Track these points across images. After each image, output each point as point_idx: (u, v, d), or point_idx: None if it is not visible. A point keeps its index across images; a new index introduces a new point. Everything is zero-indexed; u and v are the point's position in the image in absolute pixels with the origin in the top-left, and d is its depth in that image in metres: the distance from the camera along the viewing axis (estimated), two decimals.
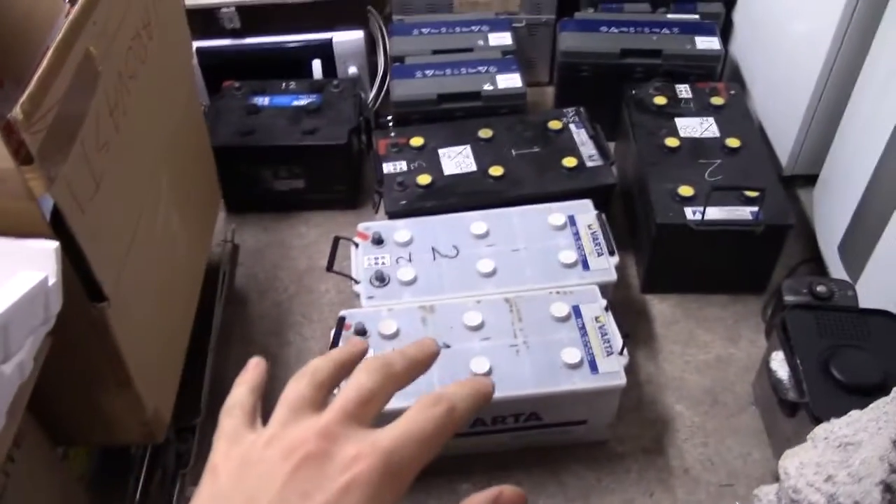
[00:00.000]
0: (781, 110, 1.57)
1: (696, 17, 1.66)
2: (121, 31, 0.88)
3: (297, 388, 0.40)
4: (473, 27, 1.65)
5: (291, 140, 1.49)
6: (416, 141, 1.46)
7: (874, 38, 1.29)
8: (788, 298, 1.21)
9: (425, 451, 0.37)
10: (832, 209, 1.42)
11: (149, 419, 0.95)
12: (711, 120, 1.49)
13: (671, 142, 1.43)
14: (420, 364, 0.43)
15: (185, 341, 1.11)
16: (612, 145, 1.66)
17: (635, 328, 1.38)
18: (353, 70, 1.66)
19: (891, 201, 1.18)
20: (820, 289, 1.21)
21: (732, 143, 1.43)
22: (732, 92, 1.55)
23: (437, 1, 1.74)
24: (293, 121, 1.53)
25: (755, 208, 1.32)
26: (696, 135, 1.46)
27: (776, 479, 1.17)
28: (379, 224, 1.33)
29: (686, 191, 1.34)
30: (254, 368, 0.44)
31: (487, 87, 1.50)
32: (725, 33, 1.77)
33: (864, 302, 1.23)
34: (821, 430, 0.78)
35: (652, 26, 1.63)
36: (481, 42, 1.61)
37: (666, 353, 1.35)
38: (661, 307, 1.42)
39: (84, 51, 0.76)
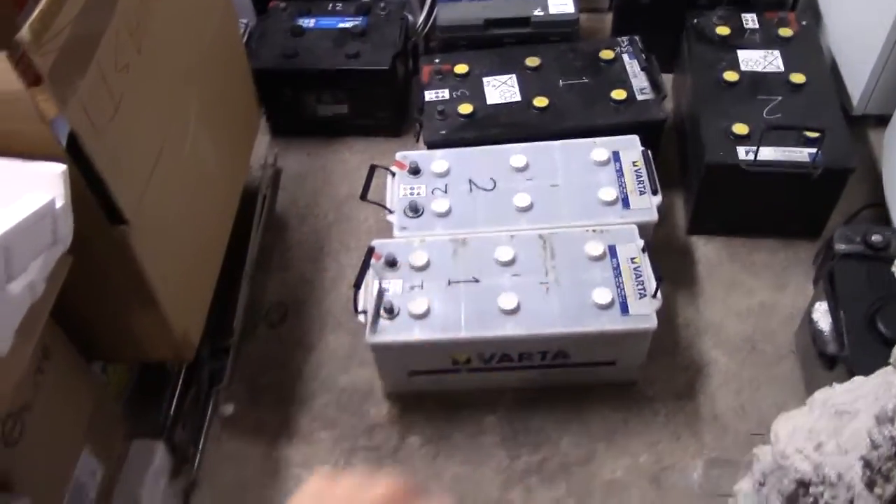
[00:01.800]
0: (857, 43, 1.46)
1: None
2: None
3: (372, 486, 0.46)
4: None
5: (334, 64, 1.46)
6: (461, 68, 1.41)
7: None
8: (840, 247, 1.15)
9: None
10: None
11: (177, 339, 0.97)
12: (777, 53, 1.40)
13: (730, 76, 1.35)
14: None
15: (218, 265, 1.13)
16: (669, 78, 1.58)
17: (677, 270, 1.33)
18: None
19: None
20: (875, 238, 1.14)
21: (797, 78, 1.34)
22: (804, 23, 1.45)
23: None
24: (338, 43, 1.50)
25: (814, 150, 1.24)
26: (759, 68, 1.37)
27: None
28: (417, 154, 1.31)
29: (741, 129, 1.27)
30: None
31: (538, 12, 1.44)
32: None
33: None
34: (820, 394, 0.74)
35: None
36: None
37: (707, 297, 1.30)
38: (705, 249, 1.37)
39: None
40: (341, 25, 1.53)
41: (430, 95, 1.39)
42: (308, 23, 1.54)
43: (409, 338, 1.09)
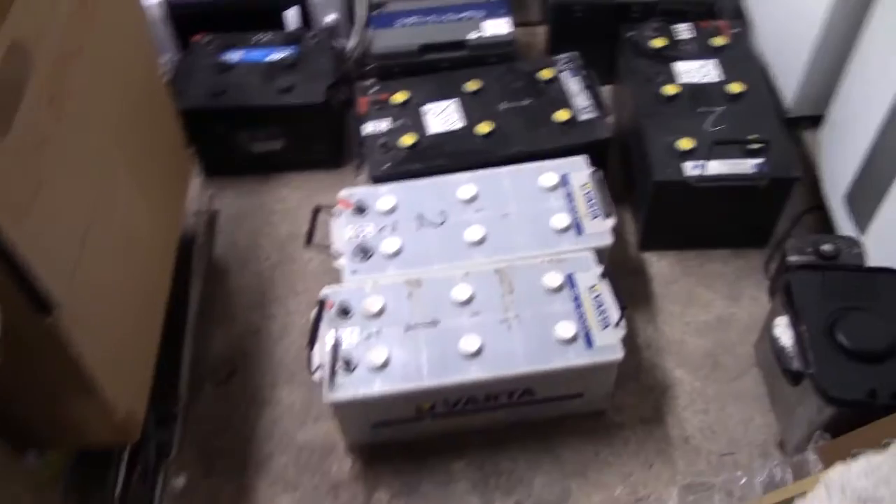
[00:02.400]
0: (787, 46, 1.47)
1: None
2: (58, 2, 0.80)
3: None
4: None
5: (266, 99, 1.40)
6: (399, 97, 1.37)
7: None
8: (792, 258, 1.15)
9: None
10: (839, 154, 1.34)
11: (121, 421, 0.90)
12: (713, 63, 1.40)
13: (669, 89, 1.34)
14: None
15: (158, 330, 1.05)
16: (608, 89, 1.57)
17: (633, 289, 1.32)
18: (330, 18, 1.55)
19: None
20: (825, 247, 1.14)
21: (735, 88, 1.34)
22: (736, 30, 1.45)
23: None
24: (268, 78, 1.43)
25: (759, 160, 1.24)
26: (697, 80, 1.37)
27: (779, 446, 1.14)
28: (361, 190, 1.26)
29: (685, 143, 1.26)
30: None
31: (473, 34, 1.41)
32: None
33: (873, 256, 1.17)
34: (836, 475, 0.72)
35: None
36: None
37: (665, 315, 1.29)
38: (659, 265, 1.36)
39: (8, 42, 0.68)
40: (270, 58, 1.47)
41: (369, 127, 1.34)
42: (234, 57, 1.47)
43: (369, 391, 1.04)
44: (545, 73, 1.39)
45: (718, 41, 1.42)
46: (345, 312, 1.11)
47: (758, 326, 1.24)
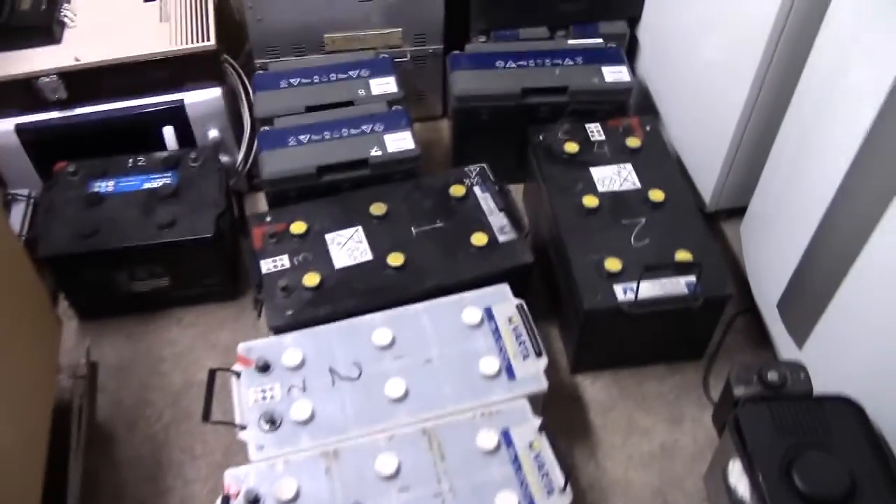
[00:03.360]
0: (703, 142, 1.43)
1: (600, 41, 1.49)
2: None
3: None
4: (351, 72, 1.42)
5: (145, 237, 1.24)
6: (298, 227, 1.23)
7: (812, 51, 1.11)
8: (738, 390, 1.08)
9: None
10: (765, 255, 1.29)
11: None
12: (629, 167, 1.33)
13: (589, 201, 1.26)
14: None
15: None
16: (518, 188, 1.49)
17: (568, 419, 1.22)
18: (213, 134, 1.41)
19: (842, 262, 1.04)
20: (771, 376, 1.08)
21: (656, 196, 1.28)
22: (648, 128, 1.39)
23: (305, 39, 1.50)
24: (146, 210, 1.27)
25: (690, 278, 1.17)
26: (616, 187, 1.30)
27: None
28: (263, 343, 1.11)
29: (613, 264, 1.18)
30: None
31: (375, 152, 1.29)
32: (631, 53, 1.61)
33: (815, 374, 1.11)
34: None
35: (553, 57, 1.44)
36: (362, 91, 1.38)
37: (606, 448, 1.20)
38: (594, 389, 1.27)
39: None
40: (147, 186, 1.31)
41: (267, 266, 1.19)
42: (106, 187, 1.30)
43: None
44: (456, 190, 1.28)
45: (633, 142, 1.36)
46: (254, 503, 0.96)
47: (704, 455, 1.16)
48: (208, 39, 1.34)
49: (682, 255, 1.19)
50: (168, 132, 1.38)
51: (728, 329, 1.33)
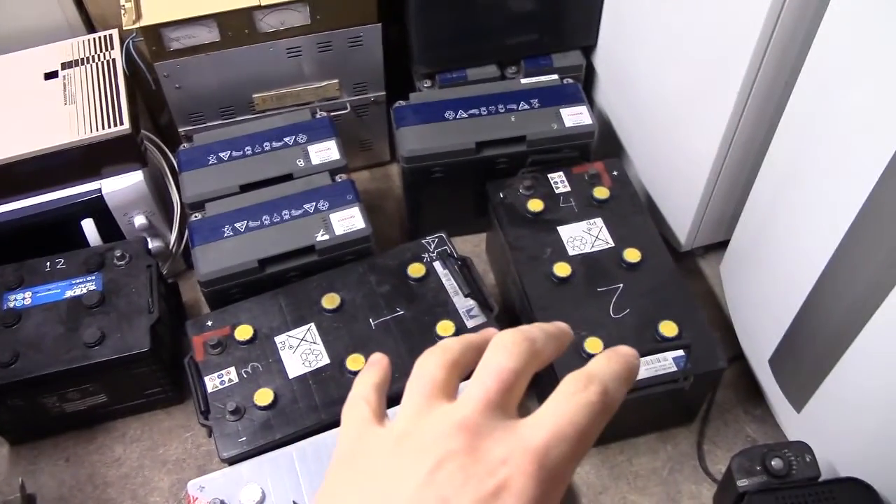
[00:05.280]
0: (674, 176, 1.33)
1: (555, 77, 1.37)
2: None
3: (426, 369, 0.35)
4: (287, 139, 1.28)
5: (72, 360, 1.10)
6: (244, 332, 1.10)
7: (803, 69, 0.97)
8: (742, 483, 0.99)
9: (581, 447, 0.32)
10: (751, 301, 1.20)
11: None
12: (600, 222, 1.23)
13: (561, 269, 1.16)
14: (559, 342, 0.37)
15: None
16: (482, 238, 1.39)
17: None
18: (140, 220, 1.26)
19: (849, 323, 0.94)
20: (776, 464, 0.99)
21: (631, 255, 1.17)
22: (615, 173, 1.29)
23: (231, 102, 1.35)
24: (71, 325, 1.13)
25: (679, 354, 1.08)
26: (588, 248, 1.19)
27: None
28: (217, 478, 0.99)
29: (594, 345, 1.08)
30: (376, 364, 0.40)
31: (322, 235, 1.16)
32: (589, 84, 1.49)
33: (817, 443, 1.03)
34: None
35: (507, 101, 1.32)
36: (301, 162, 1.25)
37: None
38: (582, 471, 1.17)
39: None
40: (70, 294, 1.17)
41: (212, 383, 1.07)
42: (23, 300, 1.16)
43: None
44: (415, 269, 1.16)
45: (600, 192, 1.25)
46: None
47: None
48: (121, 123, 1.19)
49: (667, 328, 1.09)
50: (88, 225, 1.23)
51: (717, 385, 1.24)
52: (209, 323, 1.13)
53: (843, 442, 1.03)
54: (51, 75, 1.27)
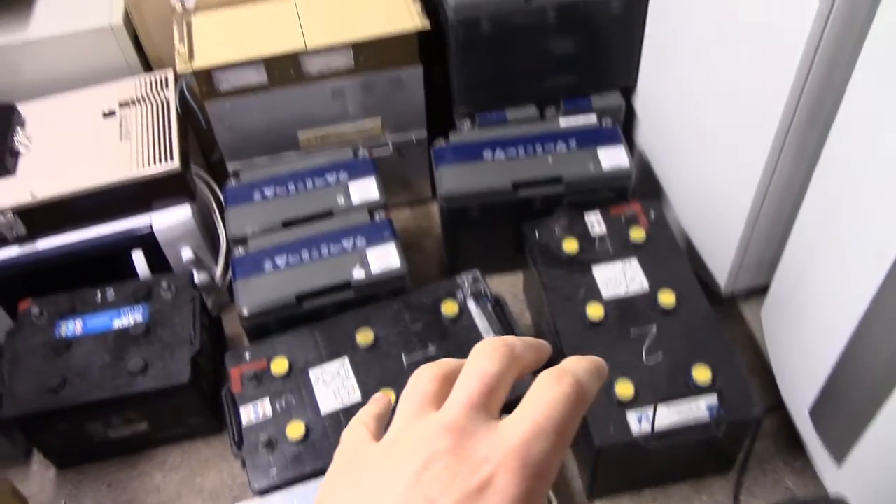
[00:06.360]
0: (713, 218, 1.32)
1: (593, 116, 1.38)
2: None
3: (419, 381, 0.36)
4: (328, 176, 1.32)
5: (117, 389, 1.15)
6: (280, 365, 1.13)
7: (841, 106, 0.95)
8: None
9: (561, 440, 0.32)
10: (792, 348, 1.18)
11: None
12: (635, 263, 1.22)
13: (594, 312, 1.16)
14: (538, 353, 0.37)
15: None
16: (518, 278, 1.40)
17: None
18: (187, 254, 1.31)
19: (890, 371, 0.92)
20: None
21: (666, 299, 1.17)
22: (653, 215, 1.28)
23: (278, 139, 1.40)
24: (117, 354, 1.18)
25: (712, 400, 1.06)
26: (622, 291, 1.19)
27: None
28: None
29: (625, 389, 1.07)
30: (379, 400, 0.42)
31: (358, 273, 1.19)
32: (628, 125, 1.50)
33: (857, 499, 1.00)
34: None
35: (545, 141, 1.34)
36: (341, 199, 1.28)
37: None
38: None
39: None
40: (118, 324, 1.21)
41: (247, 416, 1.10)
42: (73, 329, 1.21)
43: None
44: (448, 308, 1.18)
45: (637, 234, 1.25)
46: None
47: None
48: (172, 159, 1.25)
49: (701, 373, 1.08)
50: (138, 257, 1.29)
51: (756, 434, 1.21)
52: (247, 355, 1.16)
53: (884, 497, 0.99)
54: (109, 114, 1.34)
